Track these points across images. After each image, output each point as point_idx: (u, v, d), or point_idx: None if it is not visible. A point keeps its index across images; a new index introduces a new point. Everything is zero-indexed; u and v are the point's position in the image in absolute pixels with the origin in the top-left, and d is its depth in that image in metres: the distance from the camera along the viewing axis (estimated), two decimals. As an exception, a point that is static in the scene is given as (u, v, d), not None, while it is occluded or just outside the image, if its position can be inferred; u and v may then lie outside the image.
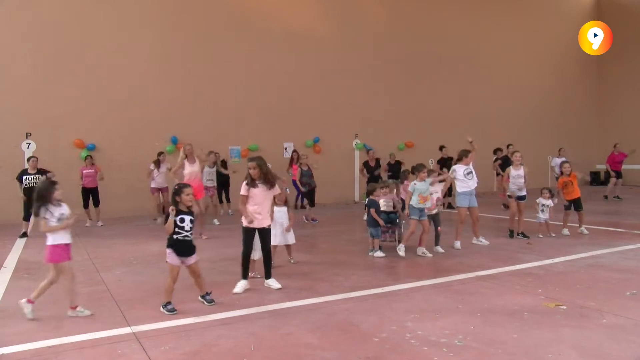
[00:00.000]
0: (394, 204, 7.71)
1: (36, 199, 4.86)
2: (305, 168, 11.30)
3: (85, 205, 11.12)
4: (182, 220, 4.98)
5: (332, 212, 13.07)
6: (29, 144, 11.84)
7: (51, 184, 4.95)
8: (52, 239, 4.85)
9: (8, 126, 11.72)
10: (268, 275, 5.85)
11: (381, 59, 16.47)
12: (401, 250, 7.31)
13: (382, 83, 16.49)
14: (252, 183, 5.66)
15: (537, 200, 9.00)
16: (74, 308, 4.90)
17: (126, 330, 4.45)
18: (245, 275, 5.71)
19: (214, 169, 11.46)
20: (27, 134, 11.87)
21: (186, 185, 5.17)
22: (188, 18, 13.66)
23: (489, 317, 4.65)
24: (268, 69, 14.59)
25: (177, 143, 13.38)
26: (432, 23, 17.46)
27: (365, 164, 12.73)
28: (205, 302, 5.14)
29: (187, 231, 4.99)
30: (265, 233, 5.76)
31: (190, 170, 9.01)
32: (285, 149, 14.70)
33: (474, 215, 8.26)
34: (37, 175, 9.80)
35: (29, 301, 4.80)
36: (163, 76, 13.27)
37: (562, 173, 9.28)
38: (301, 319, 4.69)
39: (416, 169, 7.71)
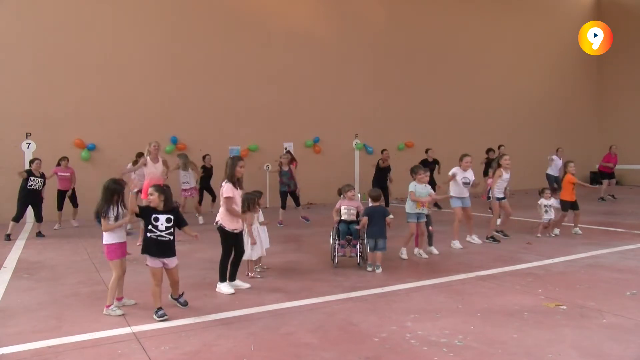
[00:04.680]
0: (357, 212, 6.99)
1: (106, 198, 4.90)
2: (285, 168, 10.98)
3: (60, 208, 10.94)
4: (156, 220, 4.82)
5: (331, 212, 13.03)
6: (29, 144, 11.84)
7: (121, 186, 5.01)
8: (106, 238, 4.96)
9: (8, 126, 11.72)
10: (233, 277, 5.79)
11: (381, 59, 16.47)
12: (403, 253, 7.19)
13: (382, 83, 16.49)
14: (237, 184, 5.69)
15: (539, 202, 8.95)
16: (120, 299, 5.10)
17: (126, 330, 4.45)
18: (224, 278, 5.68)
19: (189, 171, 11.25)
20: (27, 134, 11.87)
21: (168, 186, 5.25)
22: (188, 18, 13.66)
23: (489, 317, 4.65)
24: (268, 69, 14.58)
25: (177, 143, 13.39)
26: (432, 24, 17.46)
27: (377, 164, 12.72)
28: (178, 305, 5.06)
29: (161, 231, 4.79)
30: (241, 236, 5.81)
31: (150, 170, 8.79)
32: (285, 148, 14.70)
33: (467, 213, 8.27)
34: (39, 179, 9.79)
35: (107, 306, 4.87)
36: (163, 76, 13.27)
37: (565, 172, 9.17)
38: (301, 319, 4.69)
39: (414, 171, 7.46)
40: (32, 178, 9.71)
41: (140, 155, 10.99)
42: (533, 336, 4.15)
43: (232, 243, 5.71)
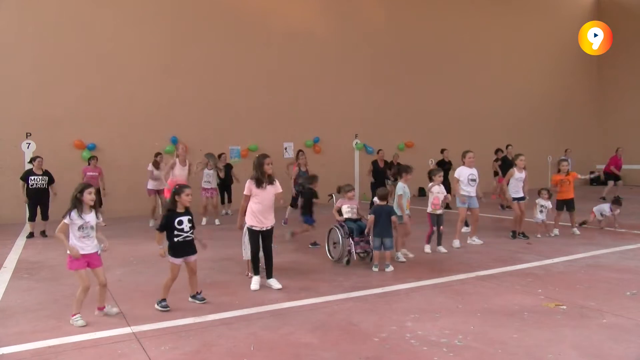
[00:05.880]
0: (357, 210, 7.16)
1: (70, 200, 4.66)
2: (303, 169, 11.06)
3: None
4: (180, 223, 4.99)
5: (331, 212, 13.03)
6: (29, 144, 11.84)
7: (84, 187, 4.70)
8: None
9: (8, 126, 11.72)
10: (269, 275, 5.85)
11: (381, 59, 16.47)
12: (400, 257, 7.14)
13: (382, 83, 16.50)
14: (261, 182, 5.64)
15: (537, 201, 9.04)
16: (101, 309, 4.85)
17: (126, 330, 4.45)
18: (257, 271, 5.76)
19: (212, 171, 11.32)
20: (27, 134, 11.86)
21: (186, 186, 5.17)
22: (188, 18, 13.66)
23: (489, 317, 4.65)
24: (268, 69, 14.59)
25: (177, 143, 13.38)
26: (431, 23, 17.47)
27: (374, 164, 12.64)
28: (197, 302, 5.19)
29: (186, 232, 5.01)
30: (268, 234, 5.76)
31: (179, 172, 8.98)
32: (285, 149, 14.71)
33: (474, 215, 8.29)
34: (43, 177, 9.74)
35: (72, 315, 4.61)
36: (163, 76, 13.27)
37: (559, 170, 9.28)
38: (301, 319, 4.69)
39: (403, 170, 7.39)
40: (31, 177, 9.66)
41: (158, 155, 11.05)
42: (533, 336, 4.15)
43: (256, 240, 5.74)
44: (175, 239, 4.96)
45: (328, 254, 7.29)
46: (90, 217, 4.72)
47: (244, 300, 5.30)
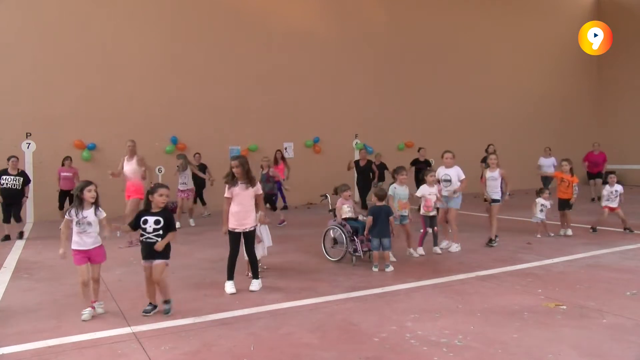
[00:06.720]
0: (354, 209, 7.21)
1: (73, 198, 4.94)
2: (264, 171, 10.58)
3: (61, 207, 10.91)
4: (145, 222, 4.87)
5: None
6: (29, 144, 11.84)
7: (84, 185, 4.85)
8: (71, 244, 4.86)
9: (8, 126, 11.73)
10: (255, 276, 5.83)
11: (381, 59, 16.48)
12: (390, 256, 7.11)
13: (382, 83, 16.50)
14: (232, 182, 5.63)
15: (537, 200, 9.01)
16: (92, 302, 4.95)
17: (126, 330, 4.45)
18: (231, 277, 5.70)
19: (187, 171, 10.91)
20: (27, 134, 11.87)
21: (162, 186, 5.05)
22: (188, 18, 13.67)
23: (489, 317, 4.65)
24: (268, 69, 14.59)
25: (177, 143, 13.38)
26: (431, 24, 17.47)
27: (356, 163, 12.46)
28: (164, 309, 4.89)
29: (149, 233, 4.83)
30: (249, 236, 5.73)
31: (126, 167, 8.62)
32: (285, 149, 14.70)
33: (448, 215, 7.88)
34: (17, 177, 9.53)
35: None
36: (163, 76, 13.27)
37: (562, 171, 9.34)
38: (301, 319, 4.69)
39: (395, 172, 7.43)
40: (3, 177, 9.43)
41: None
42: (533, 336, 4.15)
43: (235, 242, 5.70)
44: (141, 238, 4.92)
45: (325, 255, 7.30)
46: (89, 213, 4.84)
47: (244, 300, 5.30)
